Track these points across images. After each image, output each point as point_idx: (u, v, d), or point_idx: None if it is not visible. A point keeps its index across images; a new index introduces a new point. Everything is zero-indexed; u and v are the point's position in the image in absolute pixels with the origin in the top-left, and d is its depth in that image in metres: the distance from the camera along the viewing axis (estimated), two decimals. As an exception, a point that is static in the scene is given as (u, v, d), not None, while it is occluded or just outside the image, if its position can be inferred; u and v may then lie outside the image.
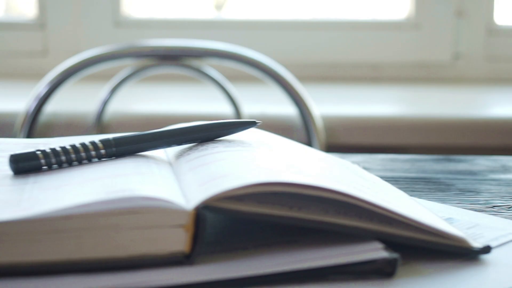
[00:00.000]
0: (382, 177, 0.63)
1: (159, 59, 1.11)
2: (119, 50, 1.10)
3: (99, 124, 1.12)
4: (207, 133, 0.54)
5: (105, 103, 1.12)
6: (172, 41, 1.13)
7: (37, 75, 1.20)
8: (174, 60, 1.11)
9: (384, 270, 0.42)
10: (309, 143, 1.11)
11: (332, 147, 1.12)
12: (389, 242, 0.44)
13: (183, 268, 0.41)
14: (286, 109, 1.13)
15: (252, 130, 0.60)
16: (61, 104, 1.16)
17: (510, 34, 1.51)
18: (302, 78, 1.47)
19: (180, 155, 0.52)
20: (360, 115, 1.18)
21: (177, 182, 0.46)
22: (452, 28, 1.48)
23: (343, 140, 1.16)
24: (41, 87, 1.10)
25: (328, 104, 1.25)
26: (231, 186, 0.42)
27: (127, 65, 1.13)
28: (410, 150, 1.18)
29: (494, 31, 1.50)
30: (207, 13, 1.54)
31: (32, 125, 1.10)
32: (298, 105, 1.10)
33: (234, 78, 1.21)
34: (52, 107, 1.13)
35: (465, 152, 1.16)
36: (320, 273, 0.41)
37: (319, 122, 1.11)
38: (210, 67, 1.13)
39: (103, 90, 1.13)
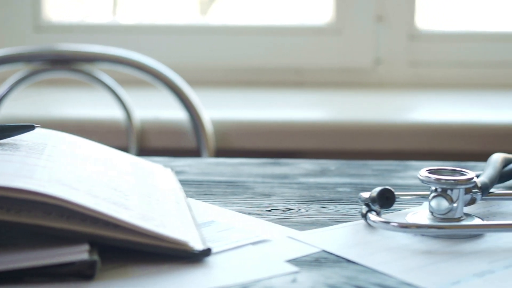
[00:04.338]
0: (187, 180, 0.63)
1: (50, 64, 1.11)
2: (9, 54, 1.10)
3: (-11, 128, 1.12)
4: (-22, 137, 0.55)
5: (-5, 107, 1.13)
6: (63, 46, 1.13)
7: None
8: (65, 65, 1.11)
9: (85, 272, 0.42)
10: (198, 147, 1.11)
11: (222, 152, 1.13)
12: (114, 246, 0.45)
13: None
14: (178, 114, 1.13)
15: (46, 132, 0.61)
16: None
17: (432, 39, 1.51)
18: (224, 83, 1.48)
19: None
20: (257, 120, 1.18)
21: None
22: (372, 33, 1.48)
23: (238, 144, 1.16)
24: None
25: (231, 109, 1.26)
26: None
27: (19, 69, 1.14)
28: (309, 155, 1.18)
29: (415, 36, 1.50)
30: (140, 18, 1.55)
31: None
32: (188, 110, 1.10)
33: (131, 83, 1.21)
34: None
35: (377, 157, 1.16)
36: (16, 275, 0.42)
37: (208, 127, 1.12)
38: (102, 72, 1.14)
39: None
